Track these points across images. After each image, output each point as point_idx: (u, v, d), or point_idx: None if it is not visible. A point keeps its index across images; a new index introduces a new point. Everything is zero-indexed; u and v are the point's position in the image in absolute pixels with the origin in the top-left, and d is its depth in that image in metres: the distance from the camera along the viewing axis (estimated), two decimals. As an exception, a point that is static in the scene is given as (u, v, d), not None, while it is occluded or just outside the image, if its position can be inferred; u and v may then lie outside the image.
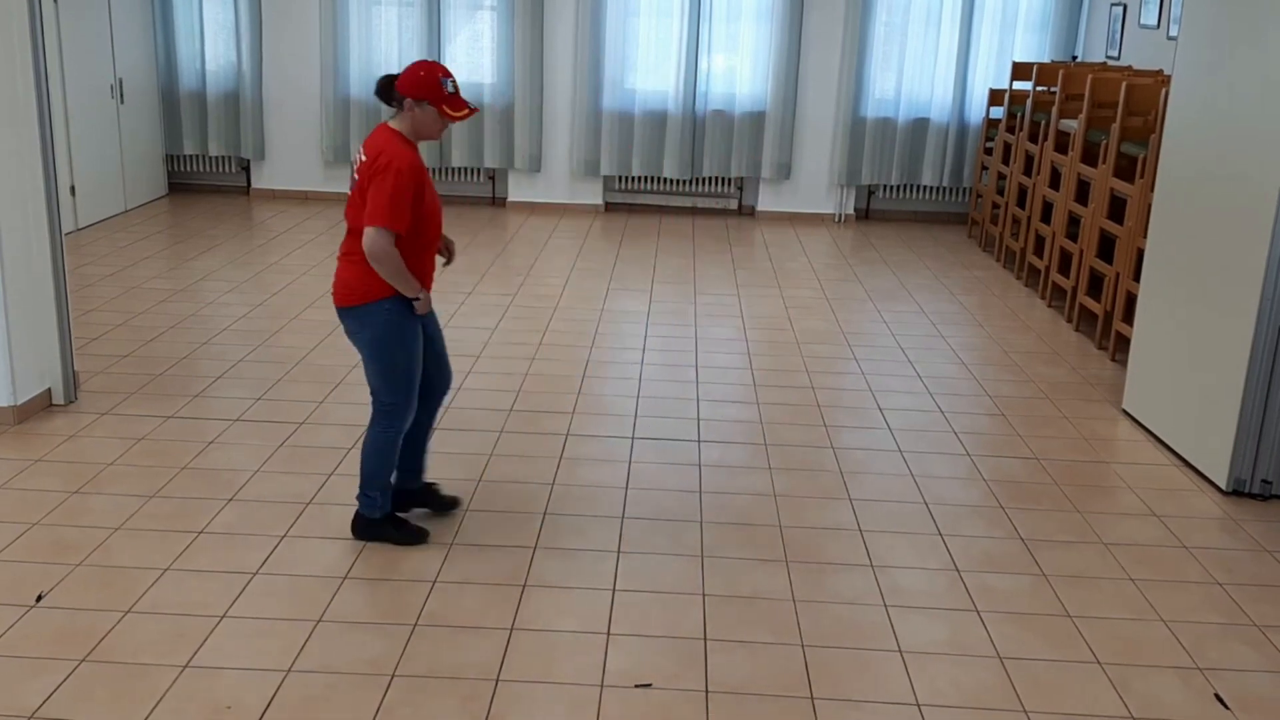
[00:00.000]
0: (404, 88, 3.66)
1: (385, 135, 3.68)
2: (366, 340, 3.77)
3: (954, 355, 6.40)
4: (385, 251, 3.58)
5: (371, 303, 3.70)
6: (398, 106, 3.70)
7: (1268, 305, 4.46)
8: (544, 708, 3.11)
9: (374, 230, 3.56)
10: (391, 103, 3.71)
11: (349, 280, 3.72)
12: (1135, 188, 6.24)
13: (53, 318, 5.07)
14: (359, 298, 3.71)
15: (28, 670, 3.18)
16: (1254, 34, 4.60)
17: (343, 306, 3.76)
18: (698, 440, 5.02)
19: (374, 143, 3.67)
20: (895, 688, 3.27)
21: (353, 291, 3.72)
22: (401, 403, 3.84)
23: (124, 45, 9.11)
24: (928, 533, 4.25)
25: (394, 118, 3.72)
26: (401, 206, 3.58)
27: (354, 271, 3.70)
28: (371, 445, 3.89)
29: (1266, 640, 3.60)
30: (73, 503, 4.20)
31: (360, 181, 3.64)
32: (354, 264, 3.71)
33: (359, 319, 3.74)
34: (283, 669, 3.23)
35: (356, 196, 3.67)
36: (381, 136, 3.68)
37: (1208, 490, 4.73)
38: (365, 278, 3.68)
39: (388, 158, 3.59)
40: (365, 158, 3.65)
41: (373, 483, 3.93)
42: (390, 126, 3.71)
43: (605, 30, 9.71)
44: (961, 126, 9.93)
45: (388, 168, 3.57)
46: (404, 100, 3.66)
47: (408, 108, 3.67)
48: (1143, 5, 8.66)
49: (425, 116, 3.68)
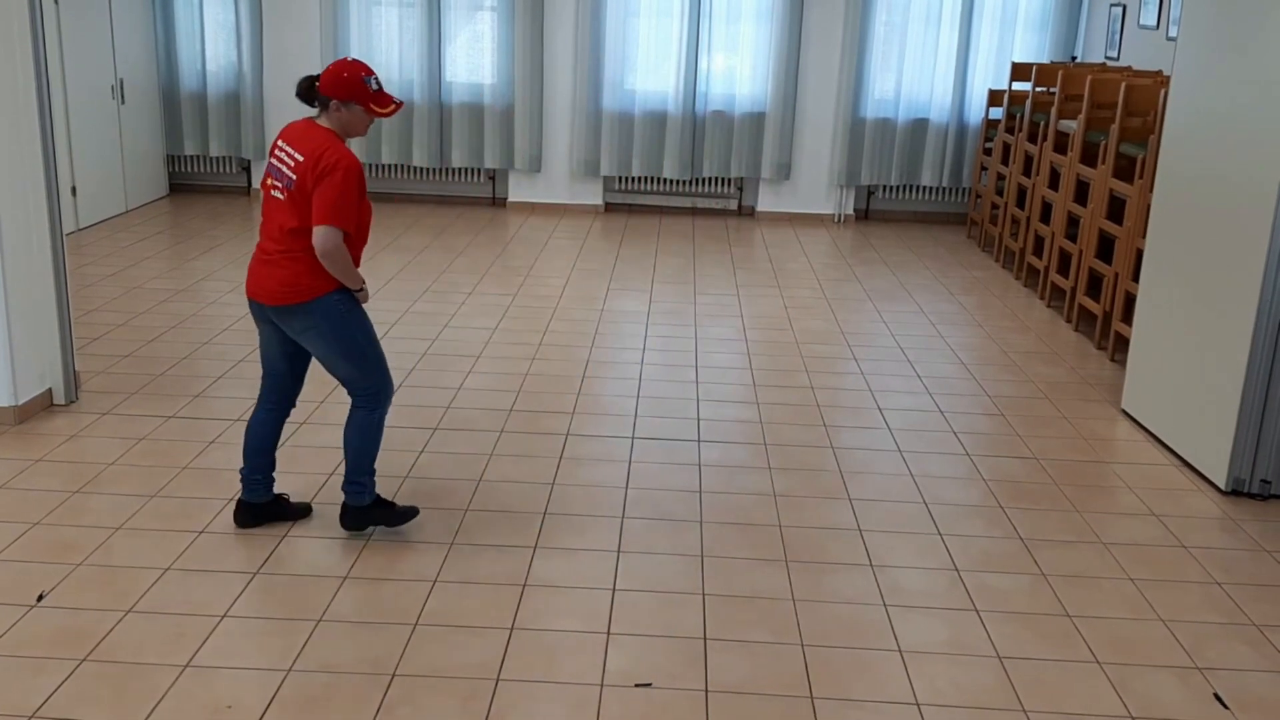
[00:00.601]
0: (328, 89, 3.66)
1: (321, 134, 3.66)
2: (324, 334, 3.76)
3: (953, 355, 6.41)
4: (338, 248, 3.61)
5: (319, 298, 3.71)
6: (320, 107, 3.71)
7: (1267, 305, 4.46)
8: (544, 707, 3.12)
9: (326, 229, 3.58)
10: (314, 103, 3.72)
11: (289, 279, 3.69)
12: (1134, 188, 6.25)
13: (53, 318, 5.07)
14: (305, 294, 3.70)
15: (28, 670, 3.19)
16: (1253, 35, 4.61)
17: (287, 305, 3.72)
18: (698, 440, 5.02)
19: (308, 141, 3.64)
20: (895, 687, 3.27)
21: (297, 289, 3.69)
22: (380, 383, 3.88)
23: (125, 45, 9.12)
24: (927, 532, 4.25)
25: (320, 116, 3.72)
26: (351, 206, 3.62)
27: (294, 269, 3.68)
28: (357, 431, 3.89)
29: (1265, 640, 3.61)
30: (73, 503, 4.20)
31: (300, 180, 3.61)
32: (293, 261, 3.68)
33: (308, 315, 3.73)
34: (283, 669, 3.24)
35: (295, 194, 3.62)
36: (317, 135, 3.66)
37: (1207, 490, 4.73)
38: (308, 274, 3.68)
39: (334, 156, 3.59)
40: (300, 156, 3.62)
41: (361, 469, 3.93)
42: (319, 124, 3.70)
43: (605, 30, 9.72)
44: (961, 127, 9.94)
45: (336, 167, 3.57)
46: (329, 101, 3.67)
47: (334, 108, 3.67)
48: (1142, 6, 8.67)
49: (353, 116, 3.69)
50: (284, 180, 3.67)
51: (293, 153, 3.66)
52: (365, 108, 3.68)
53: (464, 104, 9.91)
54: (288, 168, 3.66)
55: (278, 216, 3.69)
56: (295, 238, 3.67)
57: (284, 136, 3.74)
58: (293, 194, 3.64)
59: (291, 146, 3.67)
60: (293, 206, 3.65)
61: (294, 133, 3.72)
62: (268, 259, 3.74)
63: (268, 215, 3.74)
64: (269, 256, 3.73)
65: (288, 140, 3.71)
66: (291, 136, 3.71)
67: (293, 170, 3.64)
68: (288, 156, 3.66)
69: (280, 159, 3.69)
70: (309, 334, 3.78)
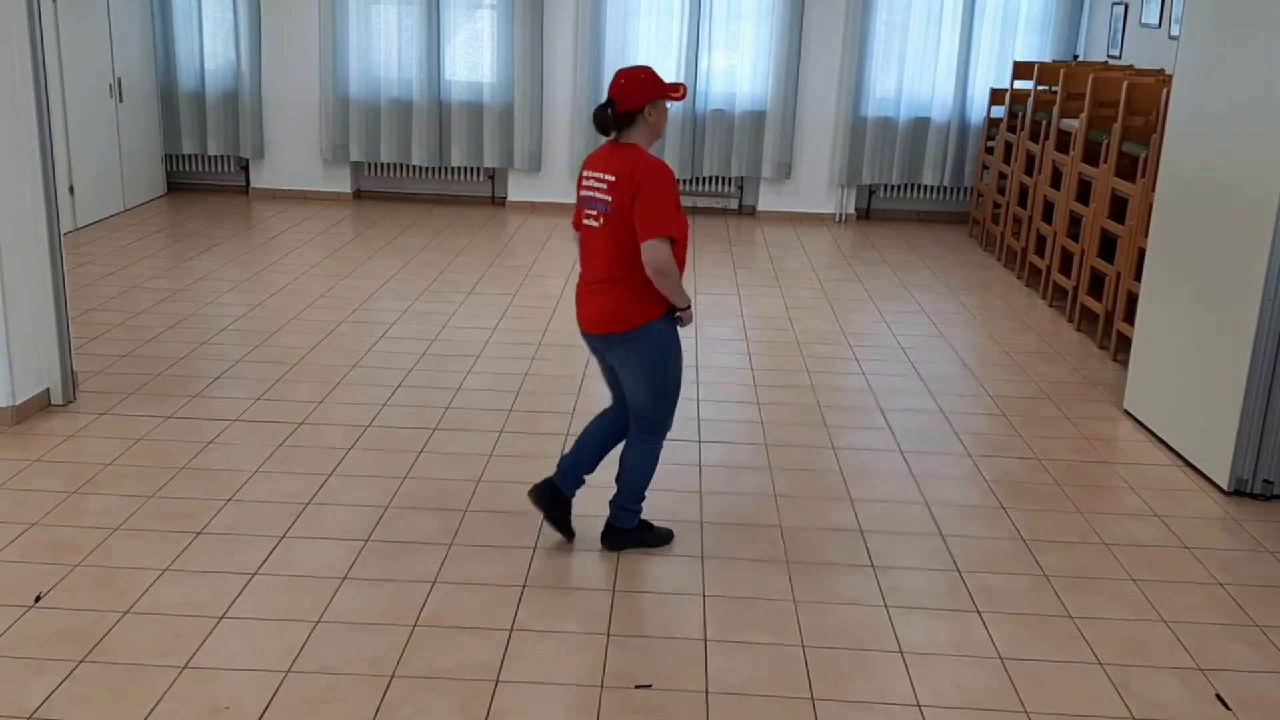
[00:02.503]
0: (632, 101, 3.57)
1: (627, 150, 3.60)
2: (641, 363, 3.70)
3: (955, 355, 6.39)
4: (669, 261, 3.52)
5: (641, 326, 3.64)
6: (623, 126, 3.62)
7: (1269, 305, 4.45)
8: (544, 708, 3.10)
9: (655, 242, 3.49)
10: (614, 128, 3.62)
11: (617, 307, 3.64)
12: (1136, 187, 6.23)
13: (51, 317, 5.06)
14: (631, 322, 3.64)
15: (27, 670, 3.17)
16: (1255, 33, 4.59)
17: (614, 333, 3.67)
18: (698, 440, 5.01)
19: (616, 160, 3.58)
20: (896, 688, 3.26)
21: (624, 318, 3.64)
22: (668, 418, 3.85)
23: (123, 44, 9.10)
24: (928, 533, 4.24)
25: (623, 135, 3.63)
26: (677, 213, 3.54)
27: (623, 297, 3.63)
28: (637, 460, 3.86)
29: (1267, 640, 3.59)
30: (71, 503, 4.19)
31: (617, 200, 3.53)
32: (621, 289, 3.62)
33: (632, 343, 3.67)
34: (282, 669, 3.23)
35: (613, 217, 3.55)
36: (623, 152, 3.59)
37: (1209, 490, 4.72)
38: (636, 300, 3.62)
39: (649, 167, 3.53)
40: (612, 176, 3.55)
41: (636, 498, 3.92)
42: (622, 143, 3.63)
43: (605, 30, 9.70)
44: (962, 126, 9.93)
45: (650, 176, 3.51)
46: (635, 114, 3.59)
47: (645, 116, 3.60)
48: (1144, 5, 8.65)
49: (659, 114, 3.63)
50: (599, 206, 3.60)
51: (603, 175, 3.59)
52: (666, 98, 3.63)
53: (463, 103, 9.89)
54: (601, 192, 3.59)
55: (599, 245, 3.63)
56: (620, 263, 3.60)
57: (590, 165, 3.67)
58: (610, 217, 3.57)
59: (601, 171, 3.61)
60: (612, 232, 3.58)
61: (599, 158, 3.66)
62: (593, 289, 3.69)
63: (587, 247, 3.69)
64: (594, 286, 3.68)
65: (595, 167, 3.65)
66: (598, 163, 3.65)
67: (607, 192, 3.57)
68: (599, 181, 3.60)
69: (591, 187, 3.63)
70: (628, 362, 3.72)
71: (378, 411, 5.19)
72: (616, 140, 3.66)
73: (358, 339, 6.24)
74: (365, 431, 4.96)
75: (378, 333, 6.36)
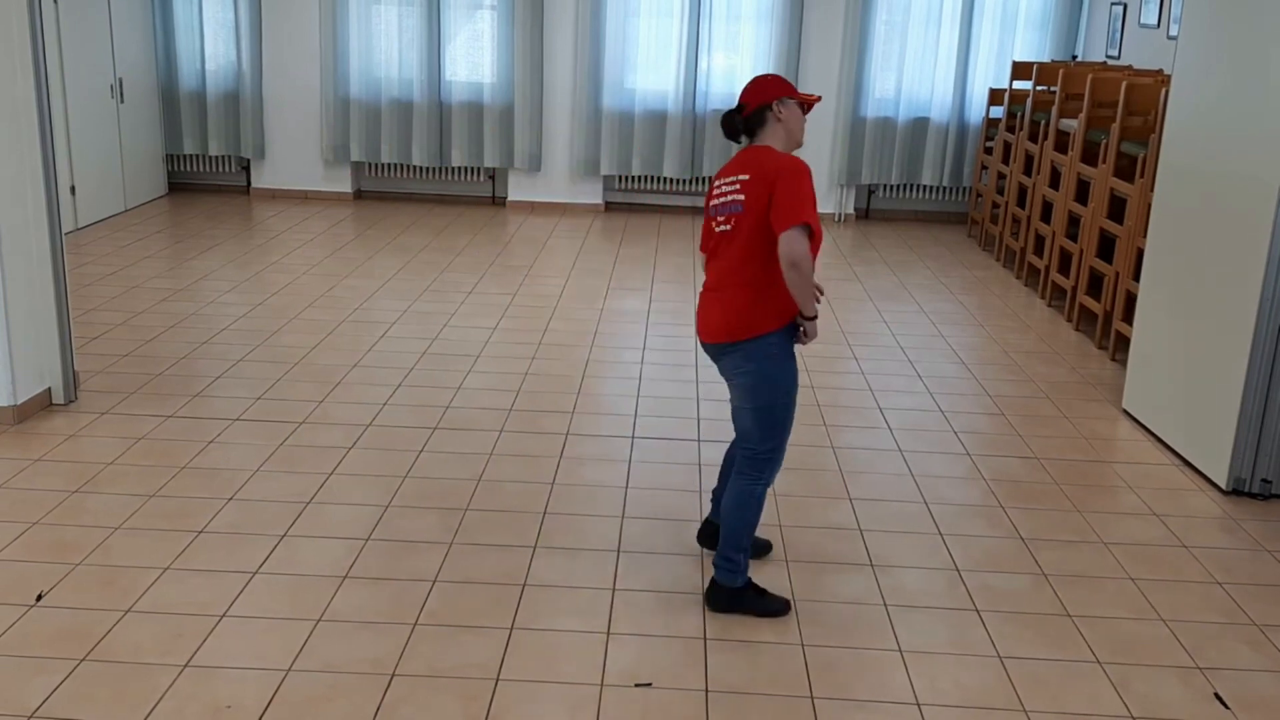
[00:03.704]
0: (756, 97, 3.45)
1: (761, 151, 3.44)
2: (750, 378, 3.46)
3: (954, 355, 6.40)
4: (804, 254, 3.26)
5: (759, 337, 3.41)
6: (755, 126, 3.48)
7: (1267, 305, 4.46)
8: (544, 707, 3.11)
9: (791, 231, 3.24)
10: (743, 133, 3.50)
11: (736, 313, 3.42)
12: (1135, 187, 6.24)
13: (53, 317, 5.07)
14: (750, 330, 3.41)
15: (28, 669, 3.18)
16: (1254, 34, 4.60)
17: (731, 341, 3.45)
18: (698, 440, 5.02)
19: (749, 163, 3.42)
20: (895, 687, 3.27)
21: (741, 325, 3.42)
22: (776, 449, 3.53)
23: (124, 44, 9.11)
24: (928, 532, 4.25)
25: (756, 138, 3.49)
26: (812, 203, 3.32)
27: (743, 302, 3.41)
28: (738, 499, 3.53)
29: (1266, 640, 3.60)
30: (73, 502, 4.20)
31: (751, 198, 3.35)
32: (743, 294, 3.41)
33: (744, 354, 3.44)
34: (283, 668, 3.23)
35: (746, 216, 3.37)
36: (757, 153, 3.43)
37: (1207, 489, 4.73)
38: (756, 308, 3.40)
39: (778, 162, 3.36)
40: (745, 176, 3.39)
41: (737, 542, 3.55)
42: (755, 146, 3.48)
43: (605, 30, 9.71)
44: (961, 126, 9.94)
45: (784, 169, 3.32)
46: (765, 111, 3.44)
47: (775, 114, 3.45)
48: (1143, 5, 8.66)
49: (792, 113, 3.46)
50: (730, 209, 3.42)
51: (735, 177, 3.43)
52: (798, 99, 3.48)
53: (464, 103, 9.90)
54: (733, 193, 3.41)
55: (730, 250, 3.43)
56: (745, 265, 3.40)
57: (722, 173, 3.51)
58: (742, 218, 3.38)
59: (731, 174, 3.46)
60: (742, 233, 3.39)
61: (729, 166, 3.50)
62: (715, 295, 3.50)
63: (716, 254, 3.49)
64: (716, 292, 3.49)
65: (726, 172, 3.49)
66: (730, 167, 3.49)
67: (740, 191, 3.39)
68: (730, 185, 3.44)
69: (722, 193, 3.46)
70: (737, 375, 3.49)
71: (378, 411, 5.20)
72: (749, 145, 3.52)
73: (358, 338, 6.25)
74: (366, 431, 4.97)
75: (378, 332, 6.37)
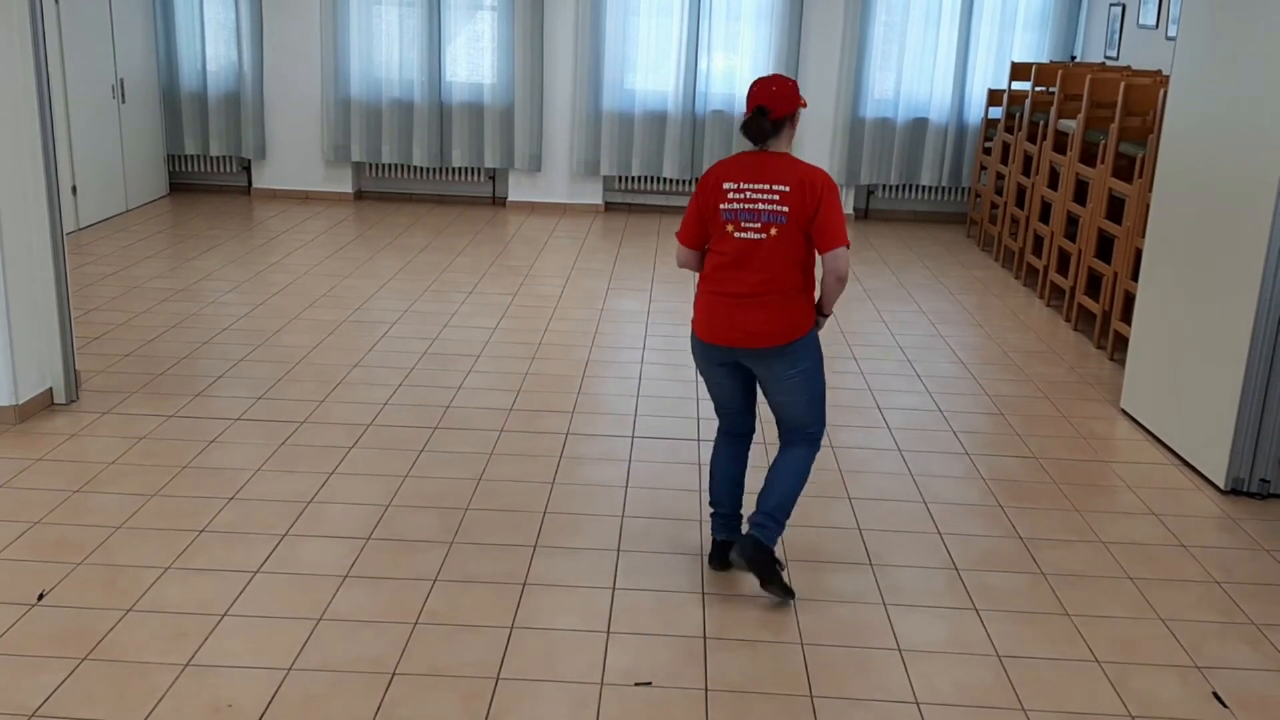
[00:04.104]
0: (785, 106, 3.53)
1: (785, 160, 3.54)
2: (807, 371, 3.63)
3: (953, 355, 6.41)
4: (847, 271, 3.55)
5: (809, 334, 3.61)
6: (770, 135, 3.55)
7: (1266, 304, 4.47)
8: (544, 706, 3.12)
9: (844, 250, 3.50)
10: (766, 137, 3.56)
11: (794, 314, 3.56)
12: (1133, 188, 6.25)
13: (54, 317, 5.08)
14: (800, 330, 3.58)
15: (29, 668, 3.19)
16: (1252, 34, 4.61)
17: (786, 343, 3.57)
18: (698, 440, 5.03)
19: (779, 171, 3.50)
20: (894, 686, 3.28)
21: (794, 327, 3.57)
22: (824, 422, 3.79)
23: (125, 45, 9.12)
24: (927, 532, 4.26)
25: (768, 144, 3.56)
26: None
27: (793, 306, 3.56)
28: (799, 469, 3.73)
29: (1264, 639, 3.61)
30: (74, 502, 4.21)
31: (794, 211, 3.47)
32: (790, 299, 3.55)
33: (797, 353, 3.59)
34: (284, 667, 3.24)
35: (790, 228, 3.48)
36: (783, 162, 3.53)
37: (1206, 489, 4.74)
38: (803, 310, 3.59)
39: (825, 178, 3.50)
40: (784, 187, 3.47)
41: (785, 509, 3.72)
42: (770, 152, 3.56)
43: (605, 30, 9.72)
44: (960, 126, 9.95)
45: (828, 184, 3.49)
46: (783, 123, 3.55)
47: (792, 123, 3.58)
48: (1141, 5, 8.67)
49: (795, 124, 3.62)
50: (766, 217, 3.50)
51: (771, 187, 3.49)
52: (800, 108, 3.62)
53: (464, 103, 9.91)
54: (772, 203, 3.49)
55: (763, 256, 3.52)
56: (789, 273, 3.53)
57: (737, 178, 3.53)
58: (786, 228, 3.49)
59: (763, 182, 3.50)
60: (784, 243, 3.50)
61: (751, 169, 3.53)
62: (754, 301, 3.55)
63: (746, 260, 3.53)
64: (760, 300, 3.55)
65: (750, 178, 3.52)
66: (751, 174, 3.52)
67: (781, 203, 3.48)
68: (764, 193, 3.50)
69: (750, 198, 3.51)
70: (791, 373, 3.61)
71: (379, 410, 5.21)
72: (761, 150, 3.57)
73: (359, 338, 6.26)
74: (366, 430, 4.98)
75: (379, 332, 6.38)
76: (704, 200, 3.59)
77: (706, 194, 3.58)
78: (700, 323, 3.67)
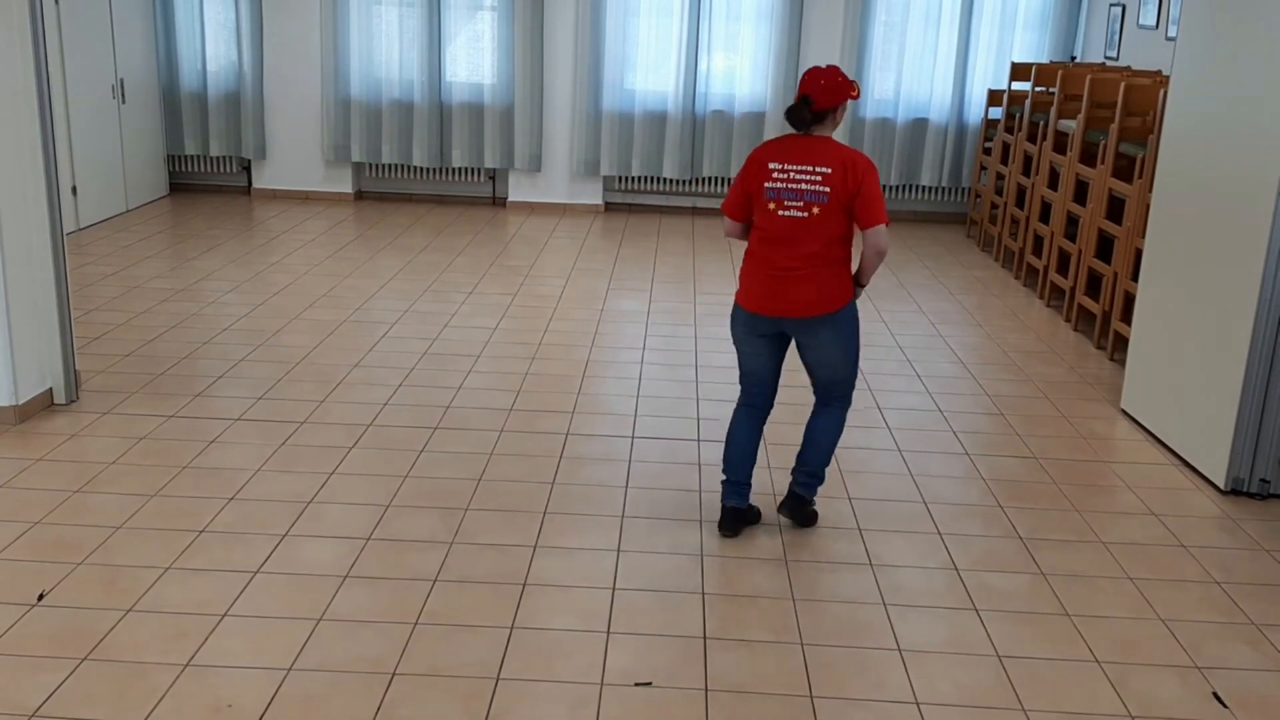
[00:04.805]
0: (832, 99, 3.78)
1: (829, 144, 3.81)
2: (848, 336, 3.98)
3: (953, 355, 6.41)
4: (886, 247, 3.85)
5: (850, 302, 3.94)
6: (813, 122, 3.81)
7: (1266, 304, 4.47)
8: (544, 706, 3.12)
9: (881, 227, 3.79)
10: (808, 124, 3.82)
11: (832, 288, 3.87)
12: (1133, 188, 6.25)
13: (54, 317, 5.08)
14: (842, 300, 3.90)
15: (29, 669, 3.19)
16: (1252, 34, 4.61)
17: (831, 313, 3.89)
18: (698, 440, 5.03)
19: (823, 153, 3.78)
20: (895, 687, 3.28)
21: (837, 297, 3.88)
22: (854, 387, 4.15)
23: (125, 45, 9.12)
24: (927, 532, 4.26)
25: (813, 129, 3.83)
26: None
27: (835, 278, 3.87)
28: (834, 427, 4.12)
29: (1264, 639, 3.61)
30: (74, 502, 4.21)
31: (836, 191, 3.75)
32: (833, 272, 3.86)
33: (838, 321, 3.92)
34: (283, 667, 3.24)
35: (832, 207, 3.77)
36: (826, 146, 3.80)
37: (1206, 489, 4.74)
38: (844, 280, 3.90)
39: (865, 161, 3.78)
40: (827, 169, 3.76)
41: (825, 463, 4.15)
42: (815, 136, 3.84)
43: (605, 30, 9.72)
44: (960, 127, 9.94)
45: (869, 167, 3.78)
46: (827, 113, 3.80)
47: (839, 113, 3.83)
48: (1141, 6, 8.67)
49: (842, 113, 3.86)
50: (809, 196, 3.79)
51: (814, 169, 3.78)
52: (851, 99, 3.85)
53: (464, 104, 9.91)
54: (814, 183, 3.78)
55: (806, 233, 3.81)
56: (831, 248, 3.83)
57: (782, 159, 3.83)
58: (828, 207, 3.78)
59: (806, 164, 3.79)
60: (826, 220, 3.79)
61: (795, 151, 3.82)
62: (798, 275, 3.85)
63: (789, 236, 3.83)
64: (801, 273, 3.85)
65: (794, 160, 3.81)
66: (795, 156, 3.81)
67: (824, 183, 3.77)
68: (807, 174, 3.78)
69: (794, 178, 3.80)
70: (836, 338, 3.95)
71: (379, 411, 5.21)
72: (805, 134, 3.84)
73: (359, 338, 6.26)
74: (366, 430, 4.98)
75: (379, 332, 6.38)
76: (749, 177, 3.89)
77: (752, 171, 3.88)
78: (745, 294, 3.97)
